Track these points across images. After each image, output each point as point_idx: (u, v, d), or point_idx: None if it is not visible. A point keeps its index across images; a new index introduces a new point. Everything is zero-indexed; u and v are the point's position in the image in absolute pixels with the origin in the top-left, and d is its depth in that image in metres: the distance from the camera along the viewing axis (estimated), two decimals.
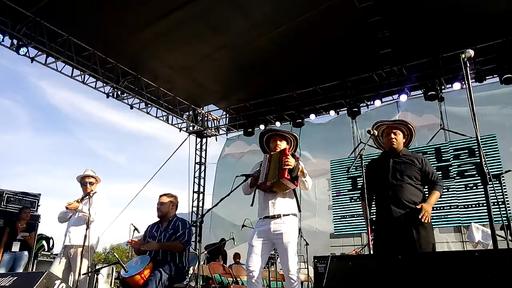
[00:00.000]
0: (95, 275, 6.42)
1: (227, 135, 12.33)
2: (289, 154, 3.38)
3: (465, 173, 8.13)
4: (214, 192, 12.04)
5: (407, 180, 3.29)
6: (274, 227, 3.36)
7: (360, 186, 3.84)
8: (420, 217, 3.10)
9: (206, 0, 7.27)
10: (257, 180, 3.49)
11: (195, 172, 12.19)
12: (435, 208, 8.08)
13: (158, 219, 4.14)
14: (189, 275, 4.28)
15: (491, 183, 2.50)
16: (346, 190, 9.46)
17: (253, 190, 3.60)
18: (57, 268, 4.29)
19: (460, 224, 8.13)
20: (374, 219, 3.40)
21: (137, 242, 4.05)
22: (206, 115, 12.09)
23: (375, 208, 3.49)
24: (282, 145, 3.58)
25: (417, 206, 3.18)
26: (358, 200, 8.80)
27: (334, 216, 9.44)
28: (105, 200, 4.64)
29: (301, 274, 6.91)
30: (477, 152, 7.28)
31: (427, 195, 3.38)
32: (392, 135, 3.45)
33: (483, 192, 2.40)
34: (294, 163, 3.34)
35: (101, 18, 7.76)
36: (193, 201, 11.87)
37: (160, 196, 4.17)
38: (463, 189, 8.08)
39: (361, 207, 3.82)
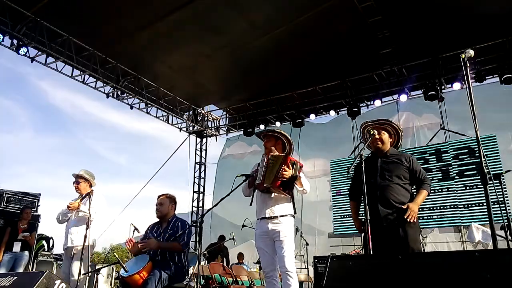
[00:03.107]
0: (95, 275, 6.41)
1: (227, 135, 12.34)
2: (290, 163, 3.38)
3: (465, 173, 8.13)
4: (214, 192, 12.06)
5: (395, 180, 3.29)
6: (271, 227, 3.42)
7: (349, 186, 3.81)
8: (405, 217, 3.11)
9: (206, 0, 7.27)
10: (255, 180, 3.50)
11: (195, 172, 12.19)
12: (435, 209, 8.15)
13: (158, 220, 4.13)
14: (189, 275, 4.27)
15: (491, 183, 2.49)
16: (346, 190, 9.45)
17: (252, 191, 3.62)
18: (59, 269, 4.30)
19: (460, 224, 8.13)
20: (362, 219, 3.40)
21: (134, 245, 3.97)
22: (206, 115, 12.09)
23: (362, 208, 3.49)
24: (273, 147, 3.59)
25: (403, 206, 3.18)
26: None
27: (334, 216, 9.44)
28: (102, 200, 4.64)
29: (301, 274, 6.92)
30: (477, 152, 7.28)
31: (415, 195, 3.38)
32: (377, 135, 3.42)
33: (483, 192, 2.40)
34: (290, 174, 3.36)
35: (101, 18, 7.75)
36: (193, 201, 11.87)
37: (159, 196, 4.13)
38: (463, 189, 8.07)
39: (350, 206, 3.80)
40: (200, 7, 7.41)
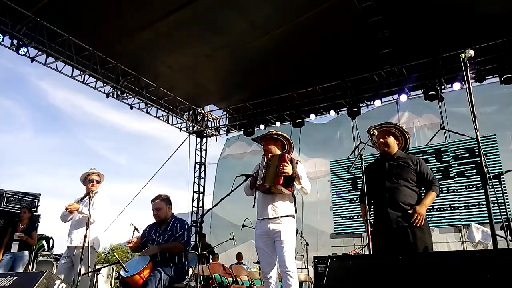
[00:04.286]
0: (95, 275, 6.41)
1: (227, 135, 12.34)
2: (288, 160, 3.39)
3: (465, 173, 8.13)
4: (214, 192, 12.06)
5: (403, 183, 3.31)
6: (272, 227, 3.42)
7: (359, 188, 3.82)
8: (412, 221, 3.14)
9: (206, 0, 7.27)
10: (256, 180, 3.50)
11: (195, 172, 12.20)
12: (435, 209, 8.15)
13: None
14: (189, 275, 4.27)
15: (491, 183, 2.49)
16: (346, 191, 9.45)
17: (253, 191, 3.62)
18: (60, 268, 4.30)
19: (460, 224, 8.13)
20: (372, 221, 3.40)
21: (136, 243, 4.01)
22: (206, 115, 12.09)
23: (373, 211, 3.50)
24: (273, 148, 3.60)
25: (409, 211, 3.19)
26: (357, 201, 8.80)
27: (334, 216, 9.43)
28: (106, 200, 4.65)
29: (301, 274, 6.92)
30: (477, 152, 7.28)
31: (423, 196, 3.38)
32: (381, 139, 3.44)
33: (483, 192, 2.40)
34: (291, 170, 3.36)
35: (101, 18, 7.75)
36: (193, 201, 11.88)
37: (153, 201, 4.05)
38: (463, 189, 8.07)
39: (360, 208, 3.80)
40: (200, 7, 7.41)
